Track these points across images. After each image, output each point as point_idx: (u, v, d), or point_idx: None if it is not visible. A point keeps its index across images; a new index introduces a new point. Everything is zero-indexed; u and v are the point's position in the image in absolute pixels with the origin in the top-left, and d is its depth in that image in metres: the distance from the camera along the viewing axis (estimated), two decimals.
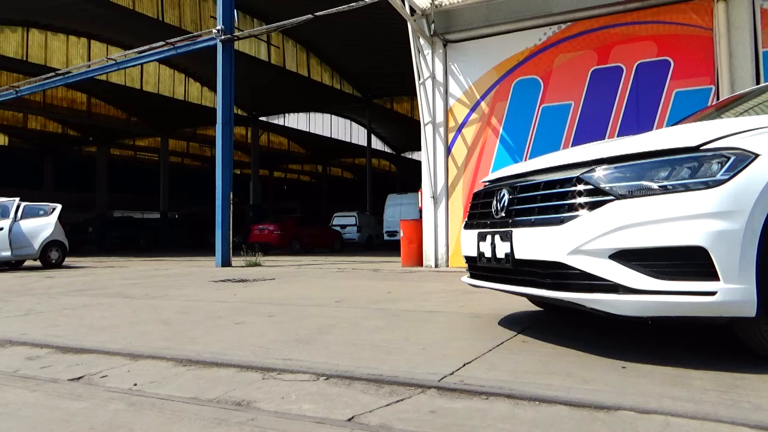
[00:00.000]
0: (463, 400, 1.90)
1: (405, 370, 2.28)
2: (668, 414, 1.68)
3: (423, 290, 5.58)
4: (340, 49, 23.83)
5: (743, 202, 2.07)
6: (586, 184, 2.41)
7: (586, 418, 1.69)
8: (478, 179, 8.64)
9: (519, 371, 2.23)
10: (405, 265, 9.58)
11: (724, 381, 2.01)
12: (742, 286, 2.04)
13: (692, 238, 2.08)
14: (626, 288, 2.18)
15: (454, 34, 9.31)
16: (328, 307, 4.33)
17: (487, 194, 3.19)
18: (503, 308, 3.99)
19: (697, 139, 2.26)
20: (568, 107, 8.53)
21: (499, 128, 8.99)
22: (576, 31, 8.56)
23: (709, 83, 7.65)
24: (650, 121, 7.91)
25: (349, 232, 22.97)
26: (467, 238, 3.24)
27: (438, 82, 9.42)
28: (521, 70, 8.89)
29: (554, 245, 2.41)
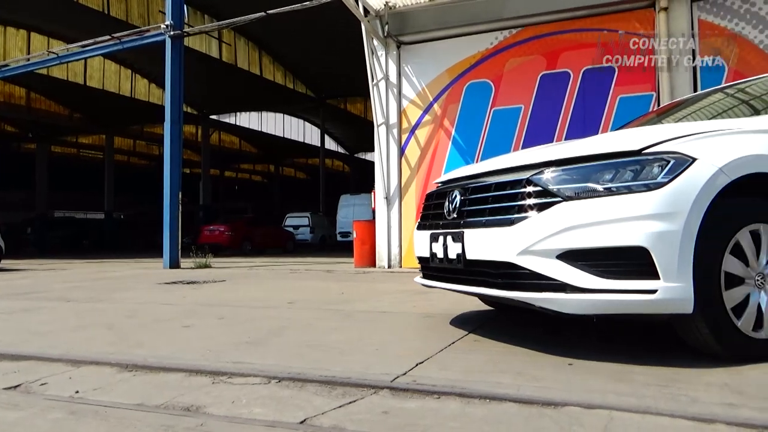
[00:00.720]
0: (415, 399, 1.91)
1: (358, 371, 2.28)
2: (612, 408, 1.74)
3: (376, 291, 5.59)
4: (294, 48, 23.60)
5: (681, 203, 2.16)
6: (535, 185, 2.47)
7: (534, 415, 1.72)
8: (430, 180, 8.72)
9: (470, 370, 2.26)
10: (358, 266, 9.57)
11: (664, 376, 2.10)
12: (680, 285, 2.13)
13: (634, 238, 2.16)
14: (573, 287, 2.25)
15: (408, 36, 9.37)
16: (281, 309, 4.28)
17: (439, 195, 3.22)
18: (455, 308, 4.04)
19: (639, 143, 2.35)
20: (518, 110, 8.72)
21: (452, 130, 9.10)
22: (526, 36, 8.76)
23: (651, 90, 7.98)
24: (596, 124, 8.17)
25: (302, 233, 22.78)
26: (420, 238, 3.26)
27: (391, 84, 9.45)
28: (473, 74, 9.03)
29: (505, 246, 2.45)
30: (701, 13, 7.81)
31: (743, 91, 3.53)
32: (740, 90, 3.57)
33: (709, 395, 1.85)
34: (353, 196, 22.95)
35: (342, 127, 36.04)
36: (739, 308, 2.27)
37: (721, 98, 3.62)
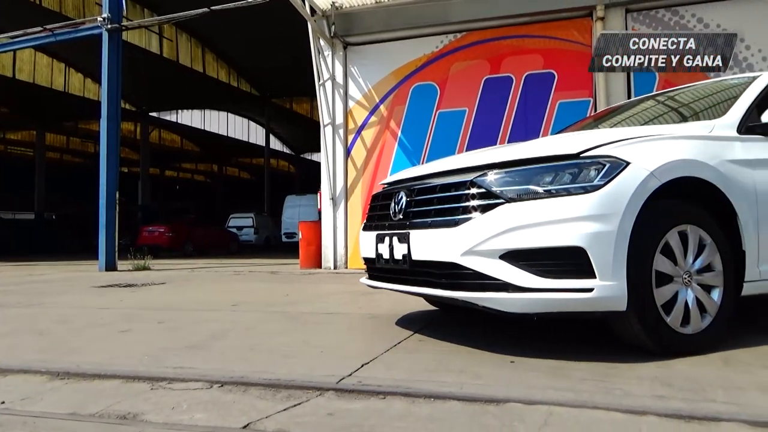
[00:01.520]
0: (361, 400, 1.91)
1: (303, 373, 2.26)
2: (551, 404, 1.79)
3: (322, 292, 5.56)
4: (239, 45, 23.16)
5: (616, 205, 2.26)
6: (478, 187, 2.52)
7: (477, 412, 1.76)
8: (377, 181, 8.74)
9: (415, 370, 2.28)
10: (304, 267, 9.49)
11: (600, 371, 2.18)
12: (614, 283, 2.22)
13: (572, 238, 2.23)
14: (515, 286, 2.30)
15: (355, 37, 9.37)
16: (224, 312, 4.19)
17: (385, 196, 3.24)
18: (401, 308, 4.06)
19: (577, 147, 2.44)
20: (462, 113, 8.87)
21: (398, 131, 9.16)
22: (471, 41, 8.92)
23: (588, 95, 8.29)
24: (537, 128, 8.42)
25: (246, 234, 22.40)
26: (366, 239, 3.26)
27: (338, 84, 9.42)
28: (419, 76, 9.12)
29: (449, 246, 2.49)
30: (635, 23, 8.18)
31: (672, 99, 3.72)
32: (670, 98, 3.76)
33: (641, 388, 1.94)
34: (299, 197, 22.75)
35: (288, 126, 35.62)
36: (668, 305, 2.39)
37: (652, 105, 3.81)
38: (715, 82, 3.77)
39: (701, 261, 2.50)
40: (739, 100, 3.00)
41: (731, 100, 3.04)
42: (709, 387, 1.94)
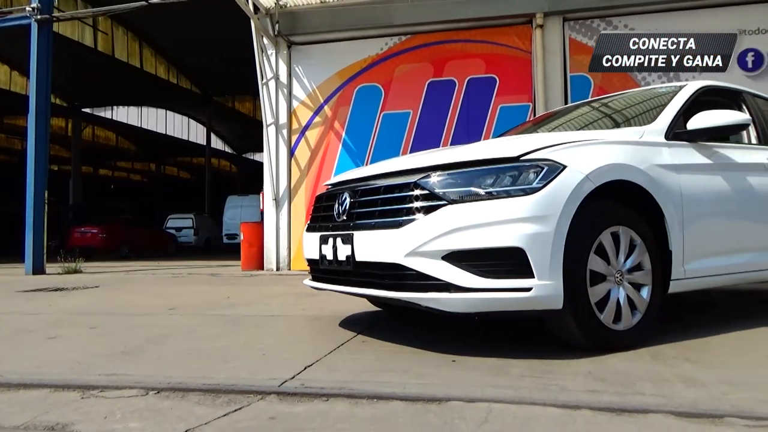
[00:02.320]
0: (303, 403, 1.89)
1: (244, 377, 2.21)
2: (491, 401, 1.83)
3: (264, 294, 5.47)
4: (179, 41, 22.42)
5: (553, 207, 2.34)
6: (422, 189, 2.54)
7: (420, 411, 1.77)
8: (321, 182, 8.69)
9: (358, 371, 2.28)
10: (245, 269, 9.31)
11: (538, 368, 2.25)
12: (551, 282, 2.30)
13: (512, 239, 2.29)
14: (456, 287, 2.34)
15: (299, 37, 9.28)
16: (161, 316, 4.05)
17: (329, 197, 3.22)
18: (344, 310, 4.05)
19: (517, 150, 2.51)
20: (407, 115, 8.95)
21: (342, 132, 9.14)
22: (415, 44, 9.02)
23: (528, 100, 8.55)
24: (479, 131, 8.60)
25: (185, 235, 21.76)
26: (309, 240, 3.24)
27: (282, 84, 9.31)
28: (364, 77, 9.14)
29: (393, 247, 2.50)
30: (571, 32, 8.50)
31: (606, 106, 3.88)
32: (604, 104, 3.92)
33: (576, 383, 2.01)
34: (240, 197, 22.30)
35: (229, 125, 34.83)
36: (601, 303, 2.49)
37: (588, 111, 3.96)
38: (645, 90, 3.96)
39: (632, 260, 2.62)
40: (667, 108, 3.16)
41: (660, 108, 3.21)
42: (639, 380, 2.04)
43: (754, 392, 1.90)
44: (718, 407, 1.74)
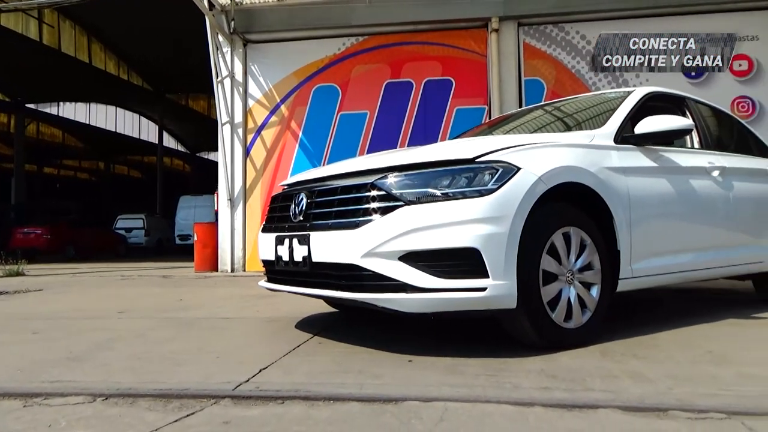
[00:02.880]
0: (258, 406, 1.86)
1: (197, 381, 2.16)
2: (447, 400, 1.85)
3: (218, 296, 5.37)
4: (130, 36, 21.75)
5: (508, 208, 2.38)
6: (379, 190, 2.55)
7: (376, 412, 1.77)
8: (277, 182, 8.60)
9: (314, 372, 2.26)
10: (199, 271, 9.12)
11: (492, 366, 2.28)
12: (506, 282, 2.34)
13: (467, 240, 2.32)
14: (413, 287, 2.35)
15: (255, 35, 9.16)
16: (109, 319, 3.92)
17: (285, 198, 3.19)
18: (300, 311, 4.02)
19: (473, 152, 2.54)
20: (364, 116, 8.95)
21: (299, 132, 9.07)
22: (373, 45, 9.04)
23: (484, 103, 8.68)
24: (436, 133, 8.69)
25: (136, 236, 21.13)
26: (265, 241, 3.19)
27: (237, 82, 9.16)
28: (321, 77, 9.09)
29: (350, 248, 2.50)
30: (526, 37, 8.68)
31: (559, 109, 3.98)
32: (556, 108, 4.02)
33: (529, 381, 2.05)
34: (194, 197, 21.81)
35: (183, 124, 34.04)
36: (553, 302, 2.55)
37: (541, 114, 4.05)
38: (595, 95, 4.08)
39: (582, 260, 2.70)
40: (616, 113, 3.27)
41: (609, 113, 3.31)
42: (589, 377, 2.10)
43: (697, 386, 1.98)
44: (663, 401, 1.80)
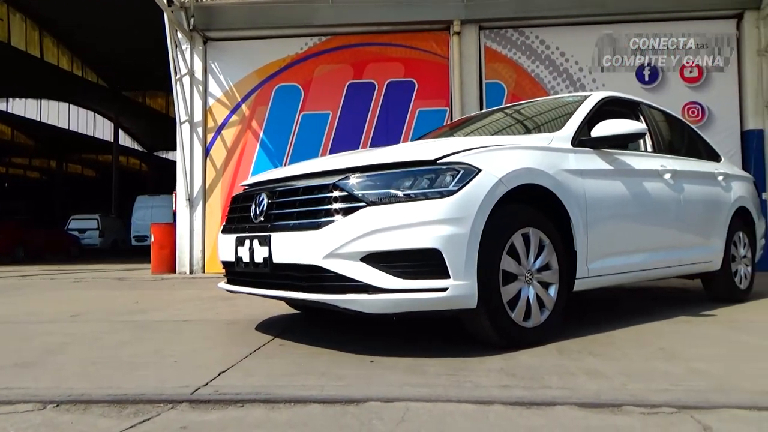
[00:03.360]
0: (217, 410, 1.83)
1: (153, 386, 2.11)
2: (408, 400, 1.86)
3: (176, 298, 5.25)
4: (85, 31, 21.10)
5: (469, 209, 2.41)
6: (341, 190, 2.54)
7: (338, 413, 1.76)
8: (237, 182, 8.48)
9: (275, 375, 2.23)
10: (156, 273, 8.91)
11: (453, 365, 2.30)
12: (467, 282, 2.37)
13: (429, 241, 2.34)
14: (375, 288, 2.36)
15: (216, 32, 9.01)
16: (61, 323, 3.78)
17: (246, 198, 3.15)
18: (261, 313, 3.97)
19: (434, 153, 2.56)
20: (326, 116, 8.91)
21: (260, 132, 8.96)
22: (335, 45, 9.01)
23: (445, 105, 8.77)
24: (398, 134, 8.72)
25: (90, 237, 20.50)
26: (225, 242, 3.14)
27: (197, 80, 8.99)
28: (283, 77, 9.01)
29: (311, 249, 2.48)
30: (487, 40, 8.81)
31: (518, 112, 4.05)
32: (516, 111, 4.09)
33: (489, 379, 2.08)
34: (151, 197, 21.32)
35: (140, 122, 33.22)
36: (512, 302, 2.59)
37: (501, 117, 4.12)
38: (554, 98, 4.18)
39: (541, 260, 2.75)
40: (573, 117, 3.35)
41: (567, 116, 3.39)
42: (547, 375, 2.14)
43: (650, 382, 2.04)
44: (617, 397, 1.86)
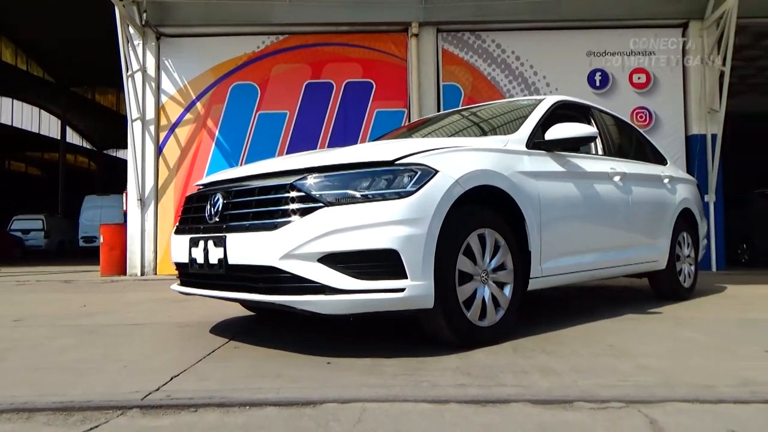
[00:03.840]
0: (169, 416, 1.78)
1: (101, 392, 2.03)
2: (365, 400, 1.85)
3: (126, 301, 5.10)
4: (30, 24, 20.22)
5: (426, 210, 2.43)
6: (298, 191, 2.52)
7: (294, 416, 1.74)
8: (191, 182, 8.30)
9: (230, 378, 2.19)
10: (105, 275, 8.62)
11: (411, 365, 2.31)
12: (424, 283, 2.38)
13: (386, 241, 2.34)
14: (332, 288, 2.34)
15: (170, 28, 8.80)
16: (3, 329, 3.61)
17: (200, 198, 3.08)
18: (215, 315, 3.89)
19: (392, 154, 2.57)
20: (284, 116, 8.83)
21: (216, 131, 8.80)
22: (293, 44, 8.94)
23: (403, 106, 8.82)
24: (356, 134, 8.72)
25: (34, 238, 19.68)
26: (178, 243, 3.07)
27: (149, 77, 8.76)
28: (239, 75, 8.88)
29: (268, 250, 2.45)
30: (444, 43, 8.91)
31: (475, 115, 4.11)
32: (473, 113, 4.15)
33: (445, 378, 2.10)
34: (100, 197, 20.62)
35: (89, 119, 32.09)
36: (468, 301, 2.63)
37: (458, 119, 4.16)
38: (509, 102, 4.25)
39: (496, 261, 2.80)
40: (528, 120, 3.42)
41: (522, 119, 3.46)
42: (501, 373, 2.18)
43: (599, 378, 2.10)
44: (569, 393, 1.90)
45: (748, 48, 11.08)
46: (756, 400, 1.84)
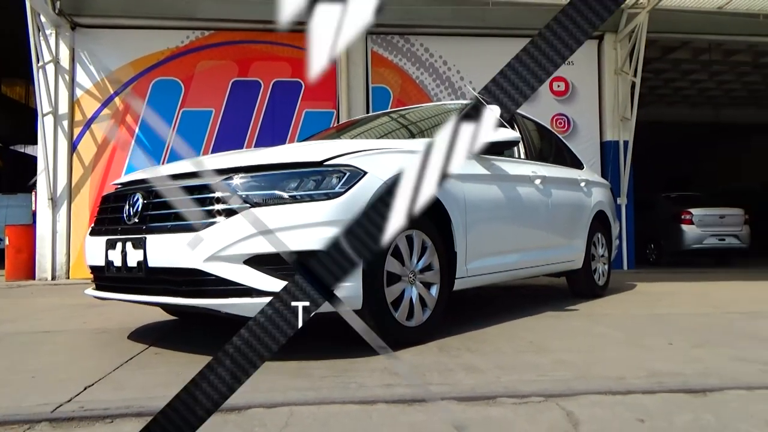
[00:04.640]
0: (82, 428, 1.68)
1: (6, 406, 1.89)
2: (293, 404, 1.83)
3: (36, 307, 4.78)
4: None
5: (354, 211, 2.42)
6: (224, 191, 2.45)
7: (218, 422, 1.69)
8: (109, 181, 7.89)
9: (149, 386, 2.10)
10: (12, 279, 8.04)
11: (339, 367, 2.31)
12: (352, 284, 2.39)
13: (314, 242, 2.32)
14: (258, 291, 2.30)
15: (86, 19, 8.32)
16: None
17: (118, 198, 2.94)
18: (135, 320, 3.72)
19: (321, 155, 2.56)
20: (209, 114, 8.57)
21: (135, 128, 8.42)
22: (219, 41, 8.69)
23: (332, 107, 8.79)
24: (284, 134, 8.60)
25: None
26: (94, 245, 2.91)
27: (63, 69, 8.25)
28: (161, 70, 8.54)
29: (191, 252, 2.37)
30: (374, 45, 8.96)
31: (404, 117, 4.16)
32: (402, 115, 4.20)
33: (373, 379, 2.11)
34: (6, 196, 19.16)
35: None
36: (396, 302, 2.66)
37: (387, 121, 4.21)
38: (437, 105, 4.34)
39: (423, 261, 2.84)
40: None
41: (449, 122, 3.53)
42: (428, 372, 2.21)
43: (522, 374, 2.19)
44: (492, 390, 1.96)
45: (656, 61, 11.91)
46: (662, 389, 1.97)
